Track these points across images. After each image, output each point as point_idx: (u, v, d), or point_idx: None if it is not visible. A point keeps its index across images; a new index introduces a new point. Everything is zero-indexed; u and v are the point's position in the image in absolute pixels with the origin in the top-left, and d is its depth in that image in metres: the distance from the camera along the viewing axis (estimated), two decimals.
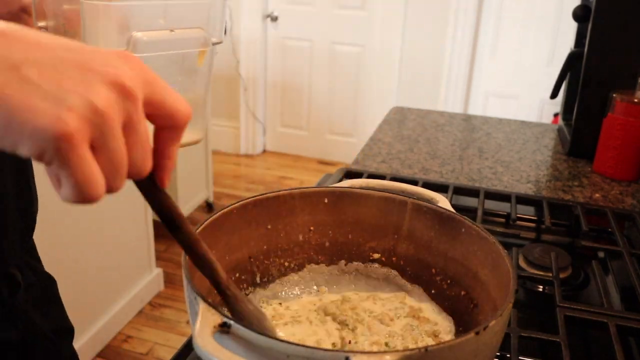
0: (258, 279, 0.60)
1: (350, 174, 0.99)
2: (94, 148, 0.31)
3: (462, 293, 0.56)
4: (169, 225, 0.40)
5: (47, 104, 0.28)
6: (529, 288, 0.74)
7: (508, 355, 0.57)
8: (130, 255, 2.10)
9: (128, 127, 0.32)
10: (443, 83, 3.15)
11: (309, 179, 3.40)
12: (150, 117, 0.35)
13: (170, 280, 2.36)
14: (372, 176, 0.98)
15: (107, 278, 1.97)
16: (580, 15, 1.16)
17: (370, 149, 1.21)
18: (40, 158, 0.29)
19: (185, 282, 0.44)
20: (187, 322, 2.14)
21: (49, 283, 0.76)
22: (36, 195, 0.70)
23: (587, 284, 0.75)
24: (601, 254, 0.82)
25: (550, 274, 0.72)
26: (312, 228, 0.62)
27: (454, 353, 0.39)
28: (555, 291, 0.67)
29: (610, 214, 0.87)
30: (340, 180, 0.88)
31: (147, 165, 0.34)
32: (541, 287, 0.74)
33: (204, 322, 0.38)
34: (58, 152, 0.29)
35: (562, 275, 0.74)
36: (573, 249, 0.82)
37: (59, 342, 0.73)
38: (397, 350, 0.37)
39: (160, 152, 0.36)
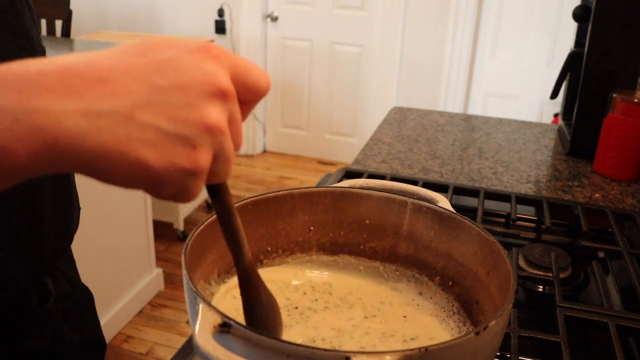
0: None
1: (350, 174, 0.99)
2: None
3: (462, 293, 0.56)
4: (210, 191, 0.40)
5: (175, 147, 0.29)
6: (529, 288, 0.74)
7: (508, 355, 0.57)
8: (130, 255, 2.10)
9: (230, 121, 0.33)
10: (443, 83, 3.15)
11: (309, 179, 3.40)
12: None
13: (170, 280, 2.36)
14: (372, 176, 0.98)
15: (107, 278, 1.97)
16: (580, 15, 1.16)
17: (370, 149, 1.21)
18: (172, 197, 0.32)
19: (185, 282, 0.44)
20: (187, 322, 2.14)
21: (85, 296, 0.74)
22: (77, 203, 0.68)
23: (587, 284, 0.75)
24: (601, 254, 0.82)
25: (550, 274, 0.72)
26: (312, 228, 0.62)
27: (454, 353, 0.39)
28: (555, 291, 0.67)
29: (610, 214, 0.87)
30: (340, 180, 0.88)
31: (242, 141, 0.35)
32: (541, 287, 0.74)
33: (204, 322, 0.38)
34: (190, 185, 0.31)
35: (562, 275, 0.74)
36: (573, 249, 0.82)
37: (87, 356, 0.72)
38: (397, 351, 0.37)
39: None
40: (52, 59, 0.29)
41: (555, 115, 2.78)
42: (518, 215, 0.88)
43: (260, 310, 0.44)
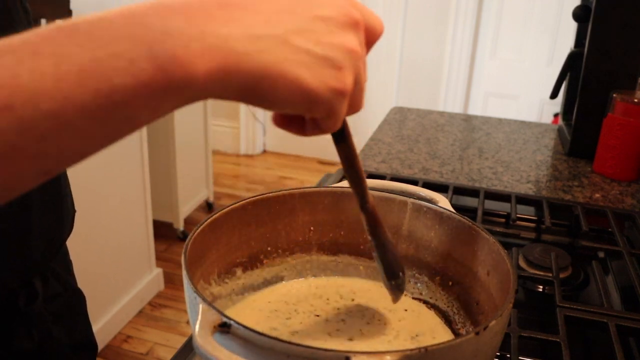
0: (258, 279, 0.60)
1: None
2: None
3: (462, 293, 0.56)
4: (337, 135, 0.44)
5: (325, 68, 0.33)
6: (529, 288, 0.74)
7: (508, 355, 0.57)
8: (130, 255, 2.10)
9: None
10: (443, 83, 3.16)
11: (309, 179, 3.40)
12: None
13: (170, 280, 2.36)
14: (372, 176, 0.98)
15: (107, 278, 1.97)
16: (580, 15, 1.16)
17: (370, 149, 1.21)
18: (323, 120, 0.36)
19: (185, 282, 0.44)
20: (187, 322, 2.14)
21: (77, 298, 0.74)
22: (70, 205, 0.67)
23: (587, 284, 0.75)
24: (601, 254, 0.82)
25: (550, 274, 0.72)
26: (312, 228, 0.62)
27: (453, 353, 0.39)
28: (555, 291, 0.67)
29: (610, 214, 0.87)
30: (341, 180, 0.88)
31: (366, 76, 0.39)
32: (541, 287, 0.74)
33: (204, 322, 0.38)
34: (338, 106, 0.35)
35: (562, 275, 0.74)
36: (573, 249, 0.82)
37: (78, 358, 0.71)
38: (397, 351, 0.37)
39: None
40: None
41: (555, 115, 2.78)
42: (518, 215, 0.88)
43: (391, 248, 0.49)
